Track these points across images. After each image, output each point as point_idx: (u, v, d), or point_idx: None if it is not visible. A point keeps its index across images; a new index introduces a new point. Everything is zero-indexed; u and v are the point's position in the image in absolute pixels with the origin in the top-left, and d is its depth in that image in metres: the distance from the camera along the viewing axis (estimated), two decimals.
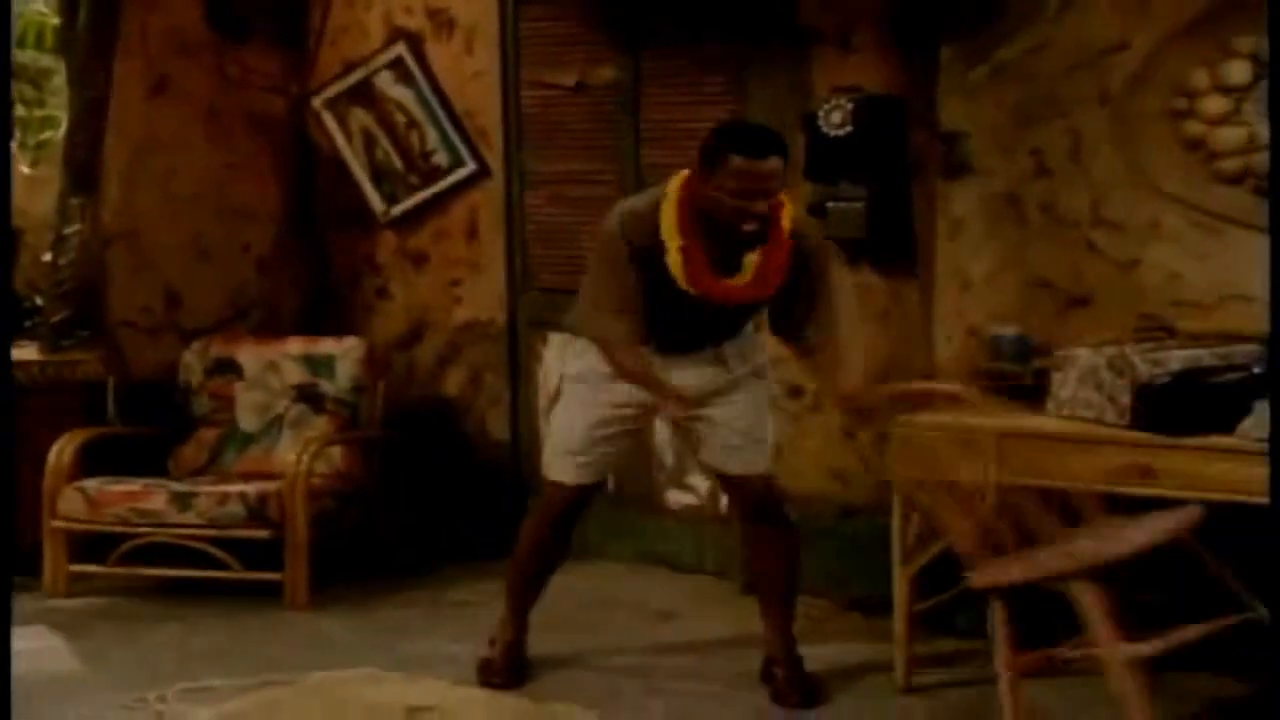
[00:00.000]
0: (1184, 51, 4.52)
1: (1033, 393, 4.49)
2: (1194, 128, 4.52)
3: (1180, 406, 3.98)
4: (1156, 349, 4.16)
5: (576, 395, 4.35)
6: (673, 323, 4.16)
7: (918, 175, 5.02)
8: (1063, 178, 4.75)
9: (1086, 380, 4.17)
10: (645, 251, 4.07)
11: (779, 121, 5.20)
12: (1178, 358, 4.09)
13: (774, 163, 3.97)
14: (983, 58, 4.84)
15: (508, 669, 4.46)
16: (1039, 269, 4.79)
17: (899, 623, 4.37)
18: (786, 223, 4.14)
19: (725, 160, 3.96)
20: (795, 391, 5.27)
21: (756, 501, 4.37)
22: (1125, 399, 4.05)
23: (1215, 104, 4.48)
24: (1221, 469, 3.88)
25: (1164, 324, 4.48)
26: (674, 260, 4.06)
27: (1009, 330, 4.69)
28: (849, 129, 4.92)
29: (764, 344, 4.43)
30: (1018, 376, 4.60)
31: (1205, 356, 4.10)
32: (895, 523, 4.36)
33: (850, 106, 4.92)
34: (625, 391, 4.21)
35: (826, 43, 5.15)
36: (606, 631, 4.98)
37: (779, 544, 4.40)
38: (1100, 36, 4.66)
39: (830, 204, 5.01)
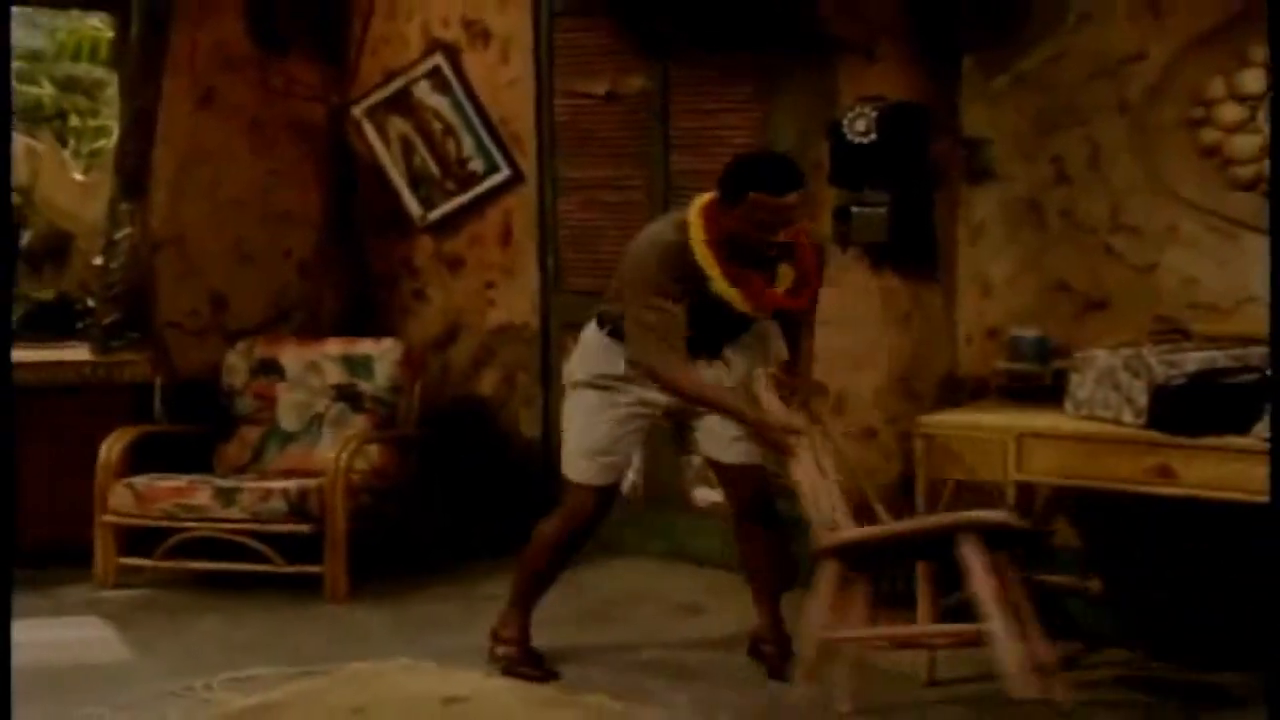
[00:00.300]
0: (1201, 61, 4.49)
1: (1049, 393, 4.48)
2: (1210, 135, 4.49)
3: (1196, 407, 3.95)
4: (1173, 351, 4.13)
5: (594, 398, 4.33)
6: (699, 333, 4.19)
7: (940, 181, 5.00)
8: (1082, 184, 4.72)
9: (1104, 381, 4.14)
10: (686, 280, 4.09)
11: (804, 128, 5.22)
12: (1193, 359, 4.07)
13: (794, 198, 4.02)
14: (1004, 67, 4.82)
15: (534, 659, 4.46)
16: (1058, 272, 4.76)
17: (922, 616, 4.35)
18: (805, 236, 4.24)
19: (747, 197, 4.00)
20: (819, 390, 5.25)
21: (752, 493, 4.40)
22: (1142, 400, 4.02)
23: (1231, 112, 4.45)
24: (1236, 469, 3.86)
25: (1180, 326, 4.46)
26: (723, 289, 4.09)
27: (1029, 332, 4.66)
28: (873, 136, 4.91)
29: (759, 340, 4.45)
30: (1037, 377, 4.58)
31: (1220, 358, 4.07)
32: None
33: (874, 114, 4.91)
34: (639, 392, 4.24)
35: (851, 52, 5.13)
36: (635, 625, 4.98)
37: (769, 542, 4.45)
38: (1119, 47, 4.63)
39: (854, 209, 5.00)
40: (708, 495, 5.07)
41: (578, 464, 4.36)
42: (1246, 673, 4.24)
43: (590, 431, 4.32)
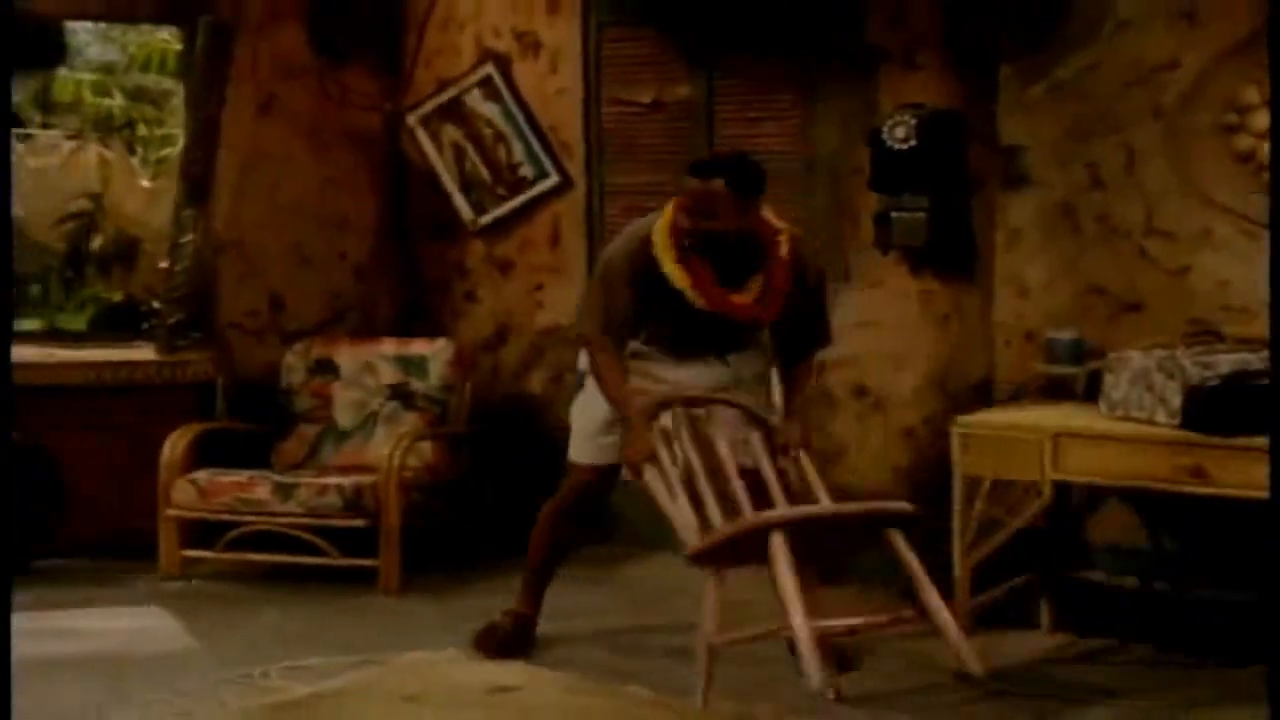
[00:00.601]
0: (1234, 69, 4.45)
1: (1084, 394, 4.44)
2: (1244, 141, 4.44)
3: (1229, 408, 3.91)
4: (1206, 353, 4.09)
5: (594, 387, 4.44)
6: (686, 332, 4.27)
7: (978, 187, 4.97)
8: (1116, 189, 4.67)
9: (1138, 382, 4.10)
10: (646, 270, 4.20)
11: (844, 135, 5.20)
12: (1226, 361, 4.02)
13: (717, 184, 4.10)
14: (1041, 76, 4.78)
15: (512, 640, 4.50)
16: (1093, 276, 4.72)
17: (959, 614, 4.31)
18: (785, 250, 4.22)
19: (685, 180, 4.18)
20: (860, 391, 5.23)
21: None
22: (1176, 401, 3.98)
23: (1265, 118, 4.39)
24: (1267, 469, 3.80)
25: (1213, 329, 4.41)
26: (673, 273, 4.18)
27: (1064, 334, 4.63)
28: (912, 143, 4.89)
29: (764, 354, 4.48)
30: (1072, 378, 4.54)
31: (1253, 360, 4.02)
32: (956, 518, 4.30)
33: (914, 122, 4.88)
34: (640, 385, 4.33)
35: (892, 61, 5.11)
36: (676, 617, 4.95)
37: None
38: (1154, 55, 4.58)
39: (894, 214, 4.97)
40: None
41: (578, 444, 4.50)
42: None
43: (590, 417, 4.44)
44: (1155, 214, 4.60)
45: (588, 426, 4.47)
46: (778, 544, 3.75)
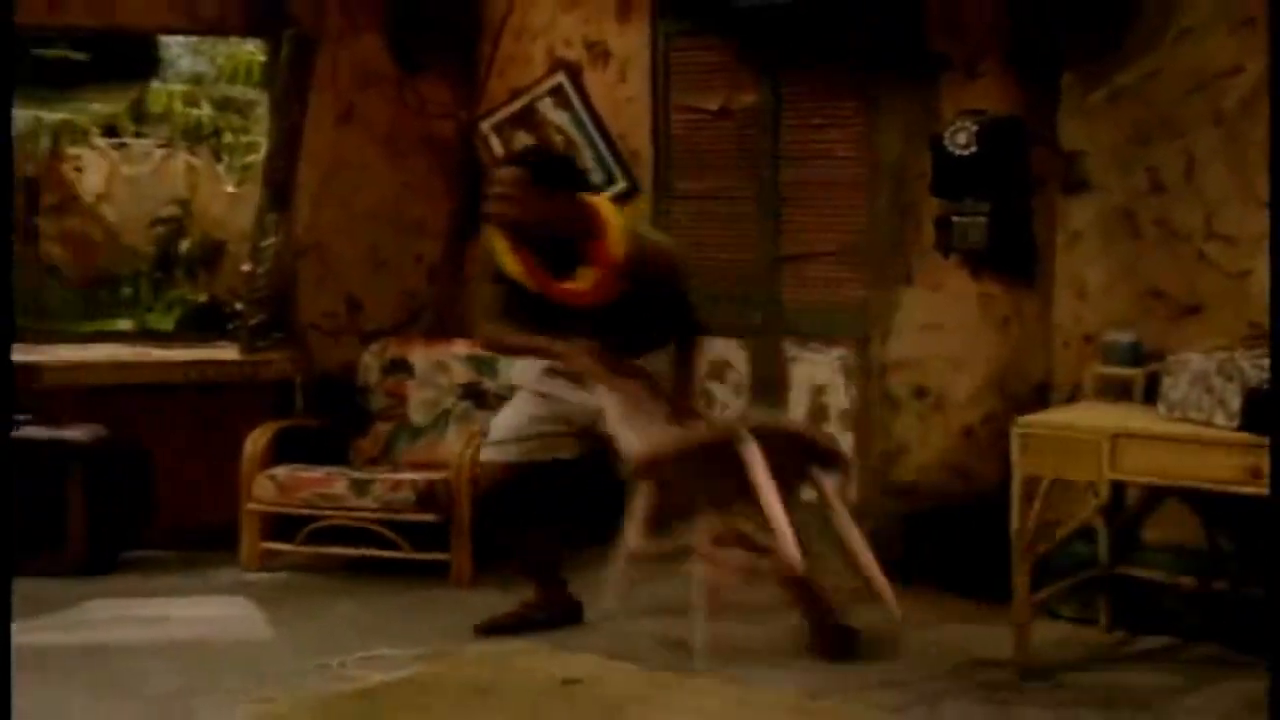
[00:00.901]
0: None
1: (1142, 396, 4.38)
2: None
3: None
4: (1265, 355, 4.01)
5: (527, 398, 4.60)
6: (613, 336, 4.34)
7: (1038, 191, 4.92)
8: (1176, 194, 4.60)
9: (1197, 384, 4.04)
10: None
11: (906, 141, 5.16)
12: None
13: (505, 172, 4.27)
14: (1102, 82, 4.72)
15: (506, 626, 4.63)
16: (1152, 279, 4.65)
17: (1019, 610, 4.27)
18: (613, 244, 4.29)
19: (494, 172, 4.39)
20: (920, 392, 5.19)
21: None
22: (1235, 403, 3.91)
23: None
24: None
25: None
26: (505, 261, 4.33)
27: (1123, 336, 4.56)
28: (974, 149, 4.84)
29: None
30: (1131, 380, 4.49)
31: None
32: (1015, 517, 4.26)
33: (975, 128, 4.84)
34: (564, 409, 4.47)
35: (954, 68, 5.07)
36: (738, 611, 4.92)
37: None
38: (1215, 61, 4.51)
39: (955, 218, 4.94)
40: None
41: (491, 446, 4.61)
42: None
43: (504, 422, 4.58)
44: (1215, 218, 4.53)
45: (504, 429, 4.57)
46: (750, 449, 3.88)
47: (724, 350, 5.67)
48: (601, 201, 4.44)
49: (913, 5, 5.13)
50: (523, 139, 6.11)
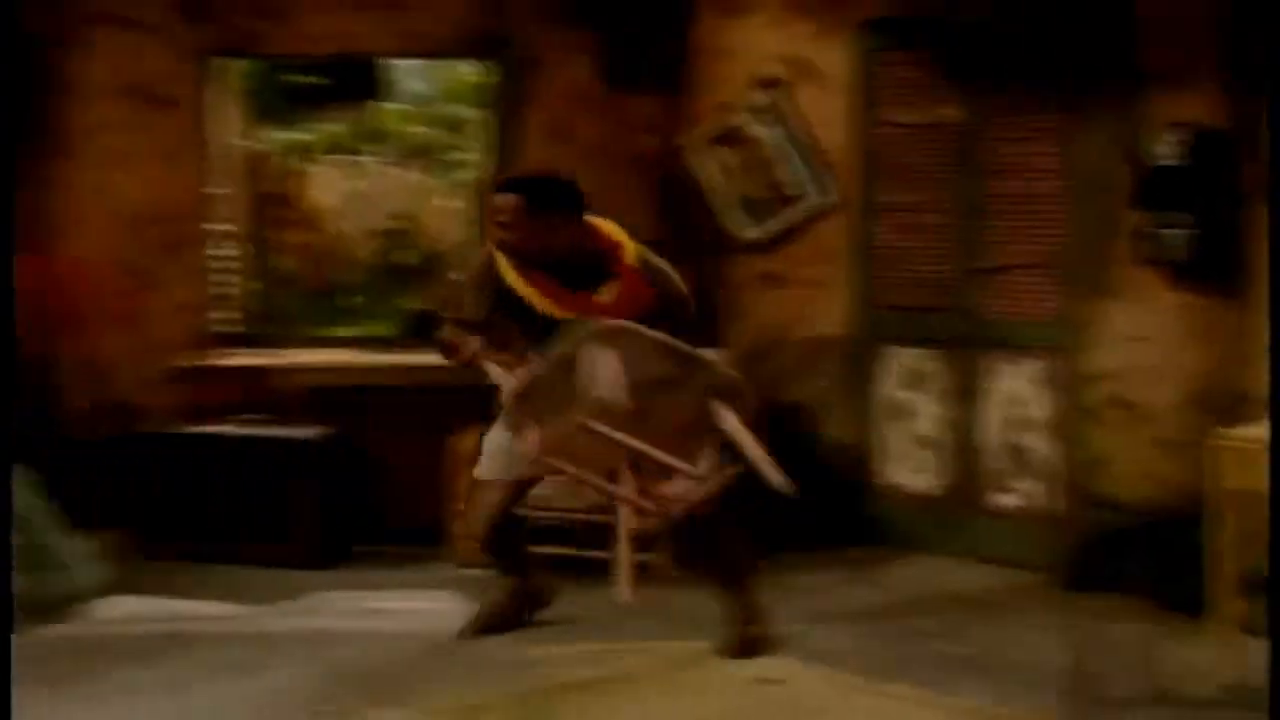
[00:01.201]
0: None
1: None
2: None
3: None
4: None
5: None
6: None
7: (1243, 204, 4.76)
8: None
9: None
10: (495, 280, 4.27)
11: (1106, 153, 5.05)
12: None
13: (503, 199, 4.16)
14: None
15: (482, 622, 4.64)
16: None
17: (1219, 625, 4.14)
18: (629, 258, 4.23)
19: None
20: (1120, 404, 5.08)
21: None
22: None
23: None
24: None
25: None
26: (516, 285, 4.24)
27: None
28: (1179, 161, 4.73)
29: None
30: None
31: None
32: (1215, 529, 4.13)
33: (1181, 141, 4.74)
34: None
35: (1161, 81, 4.95)
36: (933, 620, 4.89)
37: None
38: None
39: (1159, 230, 4.82)
40: (1002, 499, 4.89)
41: (486, 463, 4.53)
42: None
43: (498, 436, 4.46)
44: None
45: (494, 445, 4.51)
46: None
47: (919, 361, 5.63)
48: (604, 221, 4.35)
49: (1124, 19, 5.02)
50: (726, 155, 6.15)
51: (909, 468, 5.76)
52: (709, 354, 4.16)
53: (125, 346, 5.98)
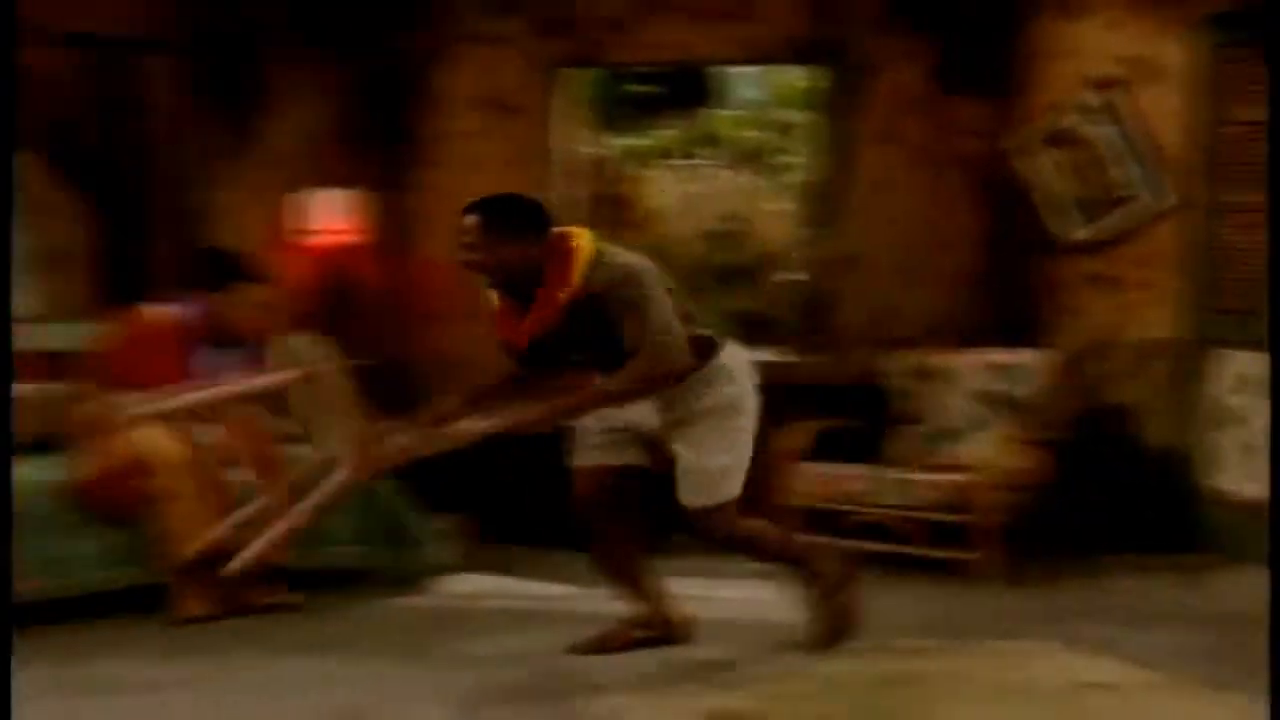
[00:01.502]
0: None
1: None
2: None
3: None
4: None
5: None
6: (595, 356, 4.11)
7: None
8: None
9: None
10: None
11: None
12: None
13: (466, 220, 4.04)
14: None
15: (606, 643, 4.41)
16: None
17: None
18: (574, 271, 3.99)
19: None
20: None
21: (699, 531, 4.24)
22: None
23: None
24: None
25: None
26: (489, 310, 4.21)
27: None
28: None
29: (723, 381, 4.23)
30: None
31: None
32: None
33: None
34: (626, 415, 4.23)
35: None
36: (1260, 632, 4.57)
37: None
38: None
39: None
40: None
41: (575, 452, 4.39)
42: None
43: (584, 426, 4.33)
44: None
45: (583, 436, 4.36)
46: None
47: (1253, 366, 5.33)
48: (577, 232, 4.12)
49: None
50: (1057, 155, 5.98)
51: (1240, 474, 5.47)
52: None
53: (471, 341, 6.27)
